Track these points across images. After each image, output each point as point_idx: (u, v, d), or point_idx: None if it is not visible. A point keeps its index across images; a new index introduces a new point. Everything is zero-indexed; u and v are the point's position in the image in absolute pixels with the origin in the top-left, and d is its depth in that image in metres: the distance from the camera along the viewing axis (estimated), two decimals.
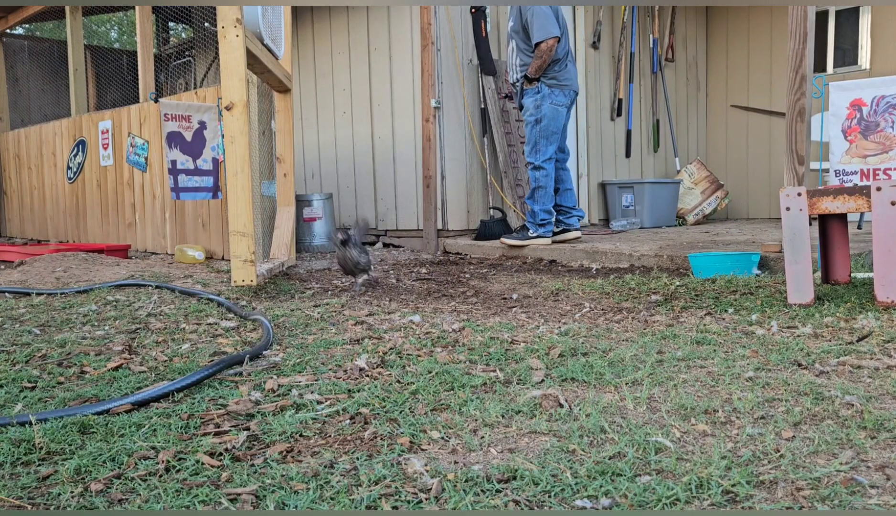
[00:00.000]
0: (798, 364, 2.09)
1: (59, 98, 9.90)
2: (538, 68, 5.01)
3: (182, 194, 4.93)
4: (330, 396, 1.90)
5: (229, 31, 3.44)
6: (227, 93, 3.45)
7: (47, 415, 1.72)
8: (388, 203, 6.54)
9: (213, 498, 1.30)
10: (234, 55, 3.47)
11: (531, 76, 5.05)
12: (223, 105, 3.49)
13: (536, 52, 4.97)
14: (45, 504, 1.31)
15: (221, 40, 3.43)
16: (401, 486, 1.32)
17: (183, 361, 2.33)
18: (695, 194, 7.59)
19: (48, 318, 3.14)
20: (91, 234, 7.12)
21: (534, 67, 5.01)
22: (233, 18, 3.43)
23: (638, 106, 7.79)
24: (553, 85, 5.11)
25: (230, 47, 3.45)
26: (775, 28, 7.96)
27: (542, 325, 2.80)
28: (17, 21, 8.49)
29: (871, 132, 4.72)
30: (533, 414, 1.72)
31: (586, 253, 4.93)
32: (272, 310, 3.27)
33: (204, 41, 9.32)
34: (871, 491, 1.25)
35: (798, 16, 3.72)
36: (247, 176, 3.50)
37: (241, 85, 3.46)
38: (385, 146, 6.51)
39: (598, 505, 1.23)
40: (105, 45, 17.79)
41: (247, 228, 3.53)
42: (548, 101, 5.09)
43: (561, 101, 5.15)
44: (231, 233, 3.53)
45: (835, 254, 3.33)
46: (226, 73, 3.45)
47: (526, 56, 5.12)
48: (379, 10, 6.43)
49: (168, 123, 4.85)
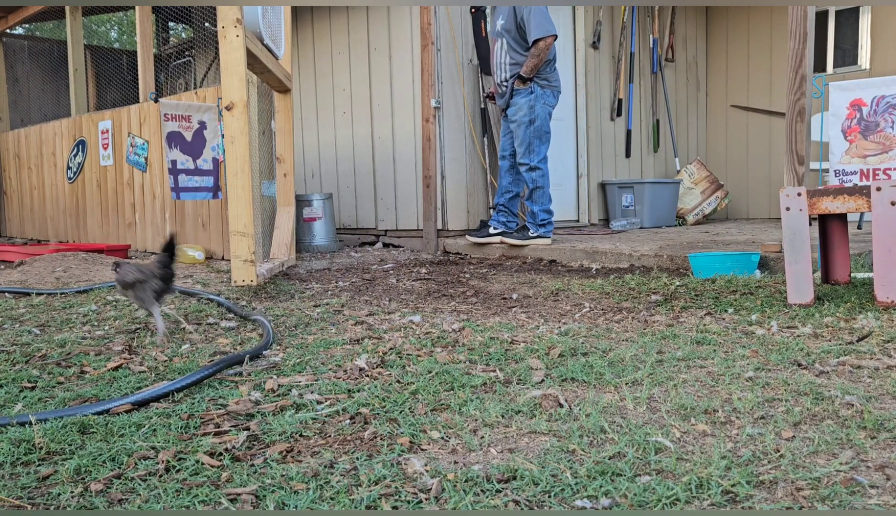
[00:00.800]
0: (798, 364, 2.09)
1: (59, 98, 9.89)
2: (534, 67, 5.00)
3: (182, 194, 4.93)
4: (330, 396, 1.90)
5: (229, 31, 3.44)
6: (228, 93, 3.45)
7: (47, 415, 1.72)
8: (388, 203, 6.54)
9: (213, 498, 1.30)
10: (235, 55, 3.46)
11: (526, 75, 5.04)
12: (223, 105, 3.49)
13: (534, 50, 4.96)
14: (45, 504, 1.31)
15: (221, 40, 3.43)
16: (401, 486, 1.32)
17: (183, 361, 2.33)
18: (695, 194, 7.59)
19: (48, 318, 3.14)
20: (91, 234, 7.12)
21: (530, 65, 5.00)
22: (233, 18, 3.43)
23: (638, 106, 7.79)
24: (545, 85, 5.12)
25: (230, 47, 3.45)
26: (775, 28, 7.96)
27: (542, 325, 2.80)
28: (17, 21, 8.49)
29: (871, 132, 4.72)
30: (533, 414, 1.72)
31: (586, 253, 4.93)
32: (272, 310, 3.27)
33: (204, 41, 9.32)
34: (871, 491, 1.25)
35: (798, 16, 3.72)
36: (247, 176, 3.50)
37: (242, 85, 3.46)
38: (385, 146, 6.51)
39: (598, 505, 1.23)
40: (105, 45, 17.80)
41: (247, 228, 3.52)
42: (541, 101, 5.10)
43: (551, 102, 5.19)
44: (231, 234, 3.53)
45: (835, 254, 3.33)
46: (226, 72, 3.45)
47: (519, 55, 5.11)
48: (379, 10, 6.43)
49: (168, 123, 4.85)
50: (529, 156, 5.14)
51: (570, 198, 7.12)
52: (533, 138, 5.11)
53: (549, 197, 5.25)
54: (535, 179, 5.16)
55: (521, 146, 5.18)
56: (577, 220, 7.17)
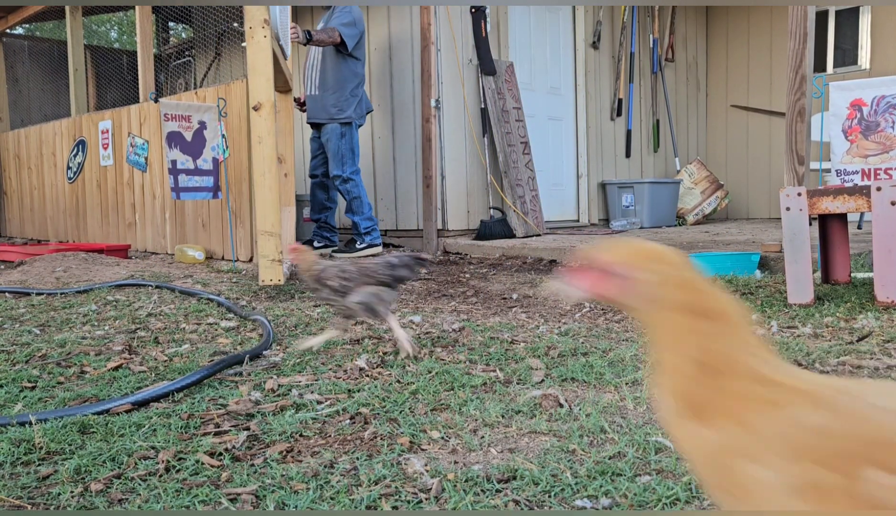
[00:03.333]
0: (798, 364, 2.09)
1: (59, 98, 9.89)
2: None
3: (182, 194, 4.92)
4: (330, 396, 1.90)
5: (257, 32, 3.41)
6: (255, 93, 3.43)
7: (47, 415, 1.72)
8: (388, 203, 6.53)
9: (213, 497, 1.30)
10: (262, 56, 3.44)
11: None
12: (251, 104, 3.46)
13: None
14: (45, 504, 1.31)
15: (249, 40, 3.42)
16: (401, 486, 1.32)
17: (183, 361, 2.33)
18: (695, 194, 7.59)
19: (48, 318, 3.14)
20: (91, 234, 7.12)
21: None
22: (261, 19, 3.41)
23: (638, 106, 7.78)
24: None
25: (258, 47, 3.42)
26: (775, 28, 7.96)
27: (542, 325, 2.80)
28: (17, 21, 8.49)
29: (872, 132, 4.72)
30: (533, 414, 1.72)
31: None
32: (272, 310, 3.27)
33: (204, 41, 9.32)
34: None
35: (798, 16, 3.71)
36: (273, 176, 3.49)
37: (269, 85, 3.44)
38: (385, 146, 6.50)
39: (598, 505, 1.23)
40: (105, 45, 17.79)
41: (274, 228, 3.52)
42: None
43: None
44: (259, 233, 3.52)
45: (835, 254, 3.32)
46: (253, 73, 3.42)
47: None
48: (379, 10, 6.43)
49: (168, 123, 4.85)
50: (343, 167, 5.42)
51: (570, 199, 7.12)
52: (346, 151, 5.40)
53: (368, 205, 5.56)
54: (349, 190, 5.45)
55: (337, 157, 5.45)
56: (577, 220, 7.17)
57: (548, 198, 6.62)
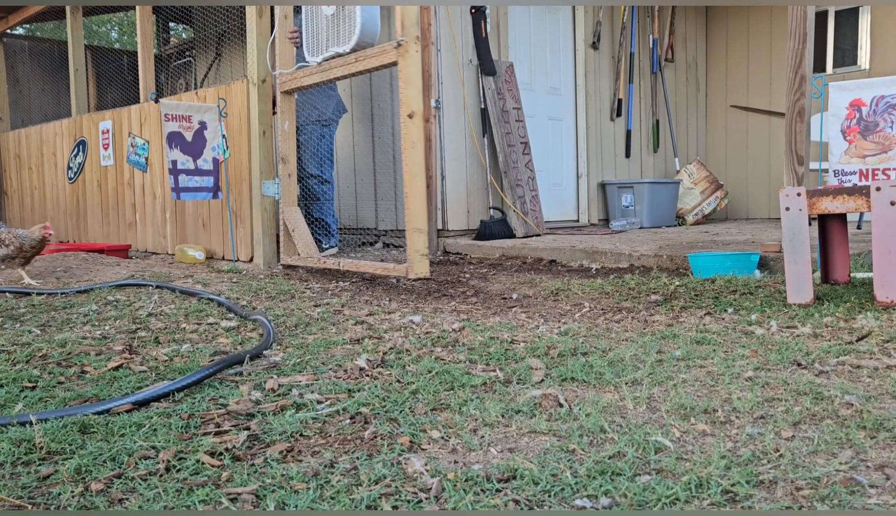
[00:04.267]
0: (797, 364, 2.10)
1: (60, 98, 9.90)
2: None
3: (182, 194, 4.93)
4: (330, 396, 1.90)
5: (410, 47, 3.76)
6: (408, 102, 3.78)
7: (48, 415, 1.72)
8: (388, 203, 6.54)
9: (213, 497, 1.30)
10: (414, 69, 3.79)
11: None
12: (405, 113, 3.79)
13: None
14: (46, 504, 1.31)
15: (404, 54, 3.75)
16: (401, 486, 1.33)
17: (183, 361, 2.33)
18: (694, 194, 7.59)
19: (48, 318, 3.14)
20: (91, 234, 7.12)
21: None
22: (414, 35, 3.76)
23: (638, 106, 7.79)
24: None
25: (411, 61, 3.78)
26: (775, 28, 7.96)
27: (542, 325, 2.81)
28: (17, 21, 8.49)
29: (871, 132, 4.72)
30: (533, 413, 1.72)
31: (586, 253, 4.93)
32: (272, 310, 3.27)
33: (204, 42, 9.32)
34: (871, 491, 1.25)
35: (798, 16, 3.72)
36: (422, 179, 3.82)
37: (419, 95, 3.80)
38: (385, 146, 6.51)
39: (597, 505, 1.23)
40: (105, 46, 17.80)
41: (423, 225, 3.87)
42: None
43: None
44: (411, 230, 3.83)
45: (834, 254, 3.33)
46: (406, 84, 3.77)
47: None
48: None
49: (168, 124, 4.85)
50: (322, 168, 5.51)
51: (570, 198, 7.12)
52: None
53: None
54: (325, 191, 5.55)
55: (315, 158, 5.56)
56: (577, 220, 7.17)
57: (548, 199, 6.63)
